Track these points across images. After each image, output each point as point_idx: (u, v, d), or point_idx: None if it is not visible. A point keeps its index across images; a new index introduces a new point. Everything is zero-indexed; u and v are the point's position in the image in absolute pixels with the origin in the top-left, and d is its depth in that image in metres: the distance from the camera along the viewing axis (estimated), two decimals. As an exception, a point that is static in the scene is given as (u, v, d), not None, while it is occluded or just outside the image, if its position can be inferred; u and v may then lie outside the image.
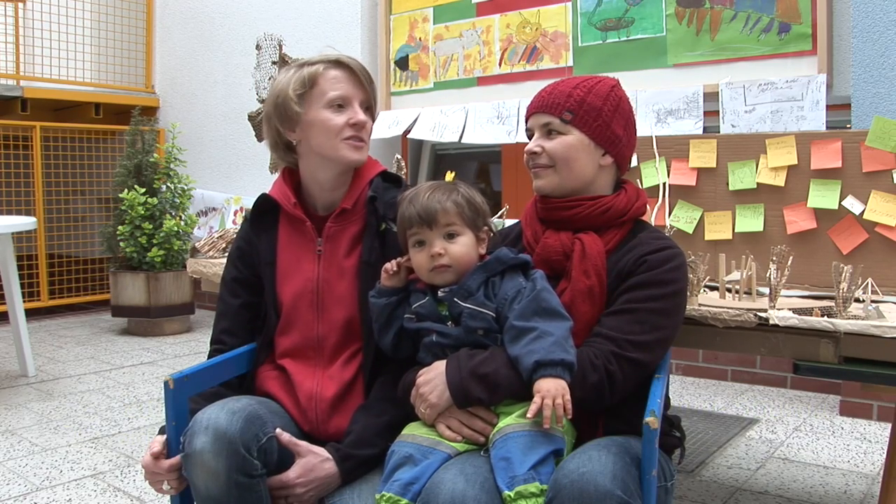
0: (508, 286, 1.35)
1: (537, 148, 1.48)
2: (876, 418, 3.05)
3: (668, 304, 1.37)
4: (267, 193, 1.62)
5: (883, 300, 1.69)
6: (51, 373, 3.93)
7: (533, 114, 1.51)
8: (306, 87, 1.52)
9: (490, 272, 1.37)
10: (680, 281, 1.40)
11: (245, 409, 1.36)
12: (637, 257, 1.39)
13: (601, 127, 1.47)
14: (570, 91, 1.48)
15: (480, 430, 1.32)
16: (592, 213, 1.45)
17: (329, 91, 1.51)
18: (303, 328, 1.55)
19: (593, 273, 1.39)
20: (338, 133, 1.51)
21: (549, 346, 1.25)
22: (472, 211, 1.41)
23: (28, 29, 5.61)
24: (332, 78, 1.52)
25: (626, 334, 1.33)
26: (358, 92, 1.54)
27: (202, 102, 5.56)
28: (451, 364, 1.33)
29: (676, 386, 3.58)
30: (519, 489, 1.18)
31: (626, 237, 1.46)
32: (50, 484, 2.49)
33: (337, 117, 1.51)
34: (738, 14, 3.14)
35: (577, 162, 1.47)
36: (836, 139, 1.83)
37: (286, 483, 1.37)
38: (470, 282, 1.37)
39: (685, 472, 2.53)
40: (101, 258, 5.56)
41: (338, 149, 1.52)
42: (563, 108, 1.47)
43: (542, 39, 3.76)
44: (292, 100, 1.51)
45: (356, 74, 1.54)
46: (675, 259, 1.40)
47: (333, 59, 1.54)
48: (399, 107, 4.31)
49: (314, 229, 1.56)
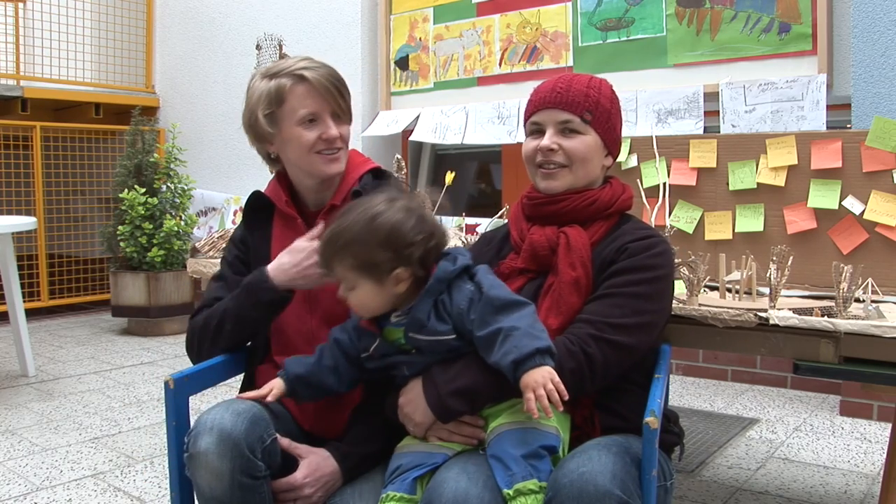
0: (459, 298, 1.30)
1: (554, 145, 1.45)
2: (876, 418, 3.05)
3: (650, 288, 1.37)
4: (259, 191, 1.64)
5: (883, 300, 1.69)
6: (51, 373, 3.93)
7: (546, 108, 1.47)
8: (274, 106, 1.52)
9: (435, 294, 1.32)
10: (662, 267, 1.39)
11: (250, 411, 1.37)
12: (619, 246, 1.40)
13: (611, 129, 1.49)
14: (585, 91, 1.46)
15: (470, 434, 1.32)
16: (578, 206, 1.45)
17: (299, 109, 1.52)
18: (295, 322, 1.56)
19: (579, 265, 1.39)
20: (310, 148, 1.53)
21: (518, 341, 1.23)
22: (370, 256, 1.29)
23: (28, 29, 5.61)
24: (300, 94, 1.52)
25: (605, 317, 1.33)
26: (326, 104, 1.53)
27: (202, 102, 5.56)
28: (426, 384, 1.32)
29: (676, 386, 3.58)
30: (518, 486, 1.19)
31: (612, 229, 1.46)
32: (50, 484, 2.49)
33: (308, 133, 1.52)
34: (739, 14, 3.14)
35: (591, 163, 1.47)
36: (836, 139, 1.83)
37: (294, 484, 1.37)
38: (418, 313, 1.31)
39: (685, 472, 2.53)
40: (101, 258, 5.56)
41: (312, 163, 1.54)
42: (583, 108, 1.45)
43: (543, 39, 3.76)
44: (262, 121, 1.53)
45: (323, 88, 1.52)
46: (657, 246, 1.40)
47: (298, 73, 1.52)
48: (399, 107, 4.31)
49: (305, 225, 1.58)
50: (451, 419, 1.31)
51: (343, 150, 1.57)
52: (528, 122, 1.52)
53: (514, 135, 3.75)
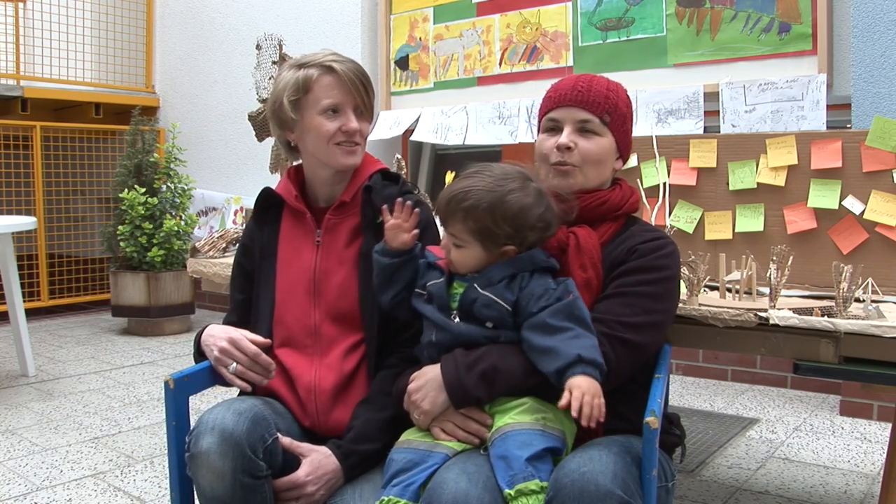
0: (537, 283, 1.33)
1: (571, 143, 1.45)
2: (876, 418, 3.05)
3: (659, 288, 1.37)
4: (270, 188, 1.66)
5: (883, 300, 1.69)
6: (51, 373, 3.93)
7: (566, 106, 1.47)
8: (300, 94, 1.55)
9: (518, 269, 1.34)
10: (670, 268, 1.40)
11: (251, 410, 1.37)
12: (629, 247, 1.41)
13: (625, 133, 1.50)
14: (605, 93, 1.47)
15: (475, 431, 1.31)
16: (589, 207, 1.45)
17: (323, 98, 1.54)
18: (299, 314, 1.56)
19: (590, 266, 1.39)
20: (330, 139, 1.54)
21: (589, 346, 1.25)
22: (492, 227, 1.33)
23: (28, 29, 5.61)
24: (325, 85, 1.55)
25: (617, 316, 1.33)
26: (351, 98, 1.56)
27: (202, 102, 5.56)
28: (446, 364, 1.32)
29: (676, 386, 3.58)
30: (519, 487, 1.19)
31: (620, 231, 1.47)
32: (50, 484, 2.49)
33: (329, 123, 1.54)
34: (739, 14, 3.14)
35: (604, 165, 1.48)
36: (836, 139, 1.83)
37: (297, 483, 1.37)
38: (493, 272, 1.34)
39: (685, 472, 2.53)
40: (101, 258, 5.56)
41: (330, 154, 1.56)
42: (603, 109, 1.45)
43: (543, 39, 3.76)
44: (287, 106, 1.56)
45: (349, 81, 1.55)
46: (665, 248, 1.41)
47: (328, 64, 1.55)
48: (399, 107, 4.31)
49: (314, 220, 1.60)
50: (467, 404, 1.30)
51: (361, 146, 1.59)
52: (544, 119, 1.51)
53: (514, 135, 3.75)
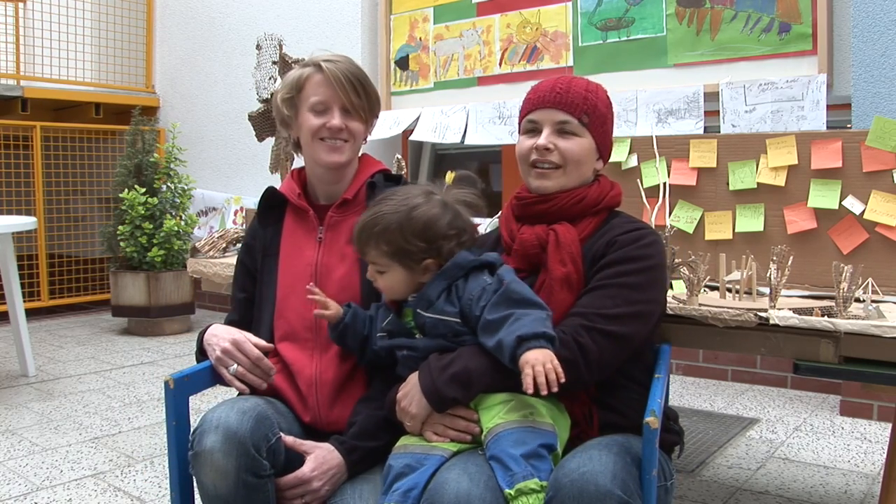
0: (473, 286, 1.34)
1: (550, 144, 1.46)
2: (876, 418, 3.05)
3: (640, 278, 1.37)
4: (273, 187, 1.69)
5: (883, 300, 1.69)
6: (51, 373, 3.93)
7: (545, 108, 1.48)
8: (294, 92, 1.60)
9: (451, 278, 1.36)
10: (653, 257, 1.40)
11: (255, 409, 1.38)
12: (608, 240, 1.41)
13: (605, 134, 1.51)
14: (584, 94, 1.48)
15: (464, 428, 1.32)
16: (567, 204, 1.46)
17: (311, 96, 1.58)
18: (300, 309, 1.57)
19: (569, 261, 1.40)
20: (314, 134, 1.58)
21: (528, 323, 1.25)
22: (404, 245, 1.37)
23: (28, 29, 5.61)
24: (315, 83, 1.59)
25: (597, 308, 1.34)
26: (337, 96, 1.57)
27: (202, 102, 5.56)
28: (422, 372, 1.34)
29: (676, 386, 3.58)
30: (519, 486, 1.19)
31: (601, 225, 1.47)
32: (50, 484, 2.49)
33: (315, 119, 1.58)
34: (739, 14, 3.14)
35: (584, 165, 1.49)
36: (836, 139, 1.83)
37: (302, 479, 1.38)
38: (430, 291, 1.36)
39: (685, 472, 2.53)
40: (101, 258, 5.56)
41: (314, 149, 1.59)
42: (581, 110, 1.46)
43: (543, 39, 3.76)
44: (281, 105, 1.61)
45: (335, 80, 1.57)
46: (645, 238, 1.41)
47: (318, 63, 1.59)
48: (399, 107, 4.31)
49: (317, 218, 1.62)
50: (446, 406, 1.32)
51: (348, 144, 1.60)
52: (523, 121, 1.53)
53: (514, 135, 3.73)
